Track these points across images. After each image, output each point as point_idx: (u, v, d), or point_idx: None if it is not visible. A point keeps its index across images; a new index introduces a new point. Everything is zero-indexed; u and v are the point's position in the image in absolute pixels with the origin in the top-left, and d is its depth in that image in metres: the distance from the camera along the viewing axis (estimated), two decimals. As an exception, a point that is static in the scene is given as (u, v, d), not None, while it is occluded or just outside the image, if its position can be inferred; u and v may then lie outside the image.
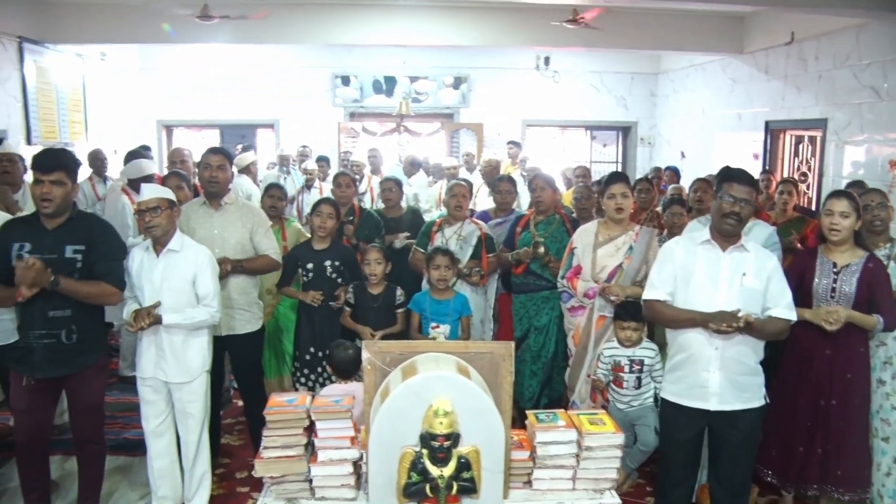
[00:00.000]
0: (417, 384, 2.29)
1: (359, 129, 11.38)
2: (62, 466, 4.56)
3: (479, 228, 5.05)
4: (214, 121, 11.63)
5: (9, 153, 5.49)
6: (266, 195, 5.29)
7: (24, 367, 3.58)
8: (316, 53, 11.07)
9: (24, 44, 7.89)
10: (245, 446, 4.87)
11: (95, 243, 3.57)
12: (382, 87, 11.44)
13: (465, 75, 11.48)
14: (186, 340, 3.73)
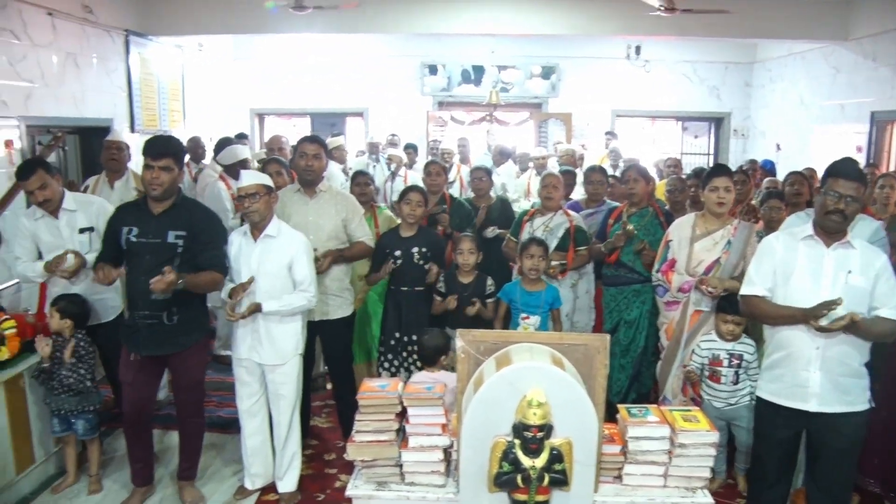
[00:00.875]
0: (512, 374, 2.28)
1: (447, 118, 11.43)
2: (162, 440, 4.77)
3: (570, 220, 4.98)
4: (305, 109, 11.90)
5: (117, 141, 5.74)
6: (353, 183, 5.35)
7: (131, 344, 3.78)
8: (405, 42, 11.16)
9: (129, 36, 8.22)
10: (333, 429, 4.98)
11: (197, 230, 3.71)
12: (471, 76, 11.45)
13: (555, 65, 11.37)
14: (281, 324, 3.84)
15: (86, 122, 7.40)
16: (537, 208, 5.14)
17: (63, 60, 7.00)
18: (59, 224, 4.27)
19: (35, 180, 4.12)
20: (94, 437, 4.29)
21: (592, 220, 5.24)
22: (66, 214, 4.28)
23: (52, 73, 6.81)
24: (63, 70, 7.00)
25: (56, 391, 4.11)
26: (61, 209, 4.26)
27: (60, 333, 4.13)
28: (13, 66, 6.24)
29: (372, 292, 5.16)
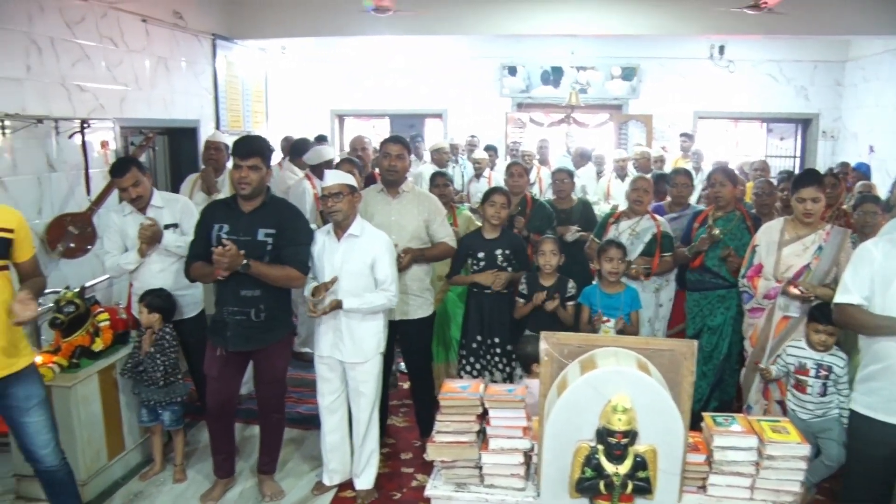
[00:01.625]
0: (597, 378, 2.26)
1: (525, 119, 11.39)
2: (242, 434, 4.90)
3: (657, 225, 4.91)
4: (385, 110, 12.03)
5: (216, 141, 5.92)
6: (432, 184, 5.37)
7: (218, 339, 3.89)
8: (484, 44, 11.16)
9: (216, 40, 8.47)
10: (410, 428, 5.02)
11: (284, 228, 3.79)
12: (550, 77, 11.37)
13: (636, 66, 11.19)
14: (363, 323, 3.89)
15: (174, 124, 7.66)
16: (623, 211, 5.08)
17: (154, 64, 7.27)
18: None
19: (129, 178, 4.29)
20: (179, 428, 4.44)
21: (677, 225, 5.16)
22: (153, 211, 4.43)
23: (144, 77, 7.07)
24: (154, 74, 7.27)
25: (145, 382, 4.27)
26: (149, 206, 4.42)
27: (151, 327, 4.28)
28: (111, 70, 6.51)
29: (451, 293, 5.18)
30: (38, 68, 5.61)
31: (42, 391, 3.36)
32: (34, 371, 3.36)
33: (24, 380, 3.26)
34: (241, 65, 9.17)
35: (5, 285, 3.19)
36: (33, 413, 3.29)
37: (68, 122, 5.83)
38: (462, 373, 4.69)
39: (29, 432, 3.30)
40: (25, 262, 3.27)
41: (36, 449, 3.32)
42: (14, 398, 3.25)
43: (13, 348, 3.22)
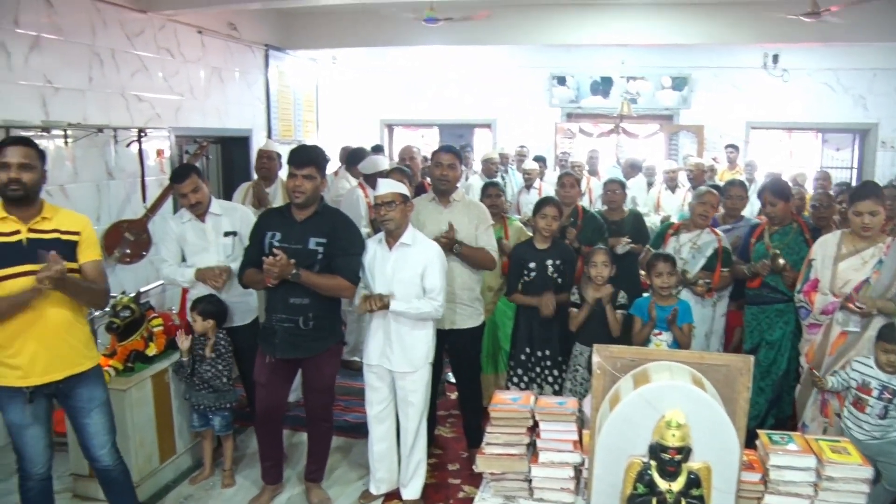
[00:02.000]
0: (650, 392, 2.21)
1: (575, 129, 11.32)
2: (290, 441, 4.94)
3: (718, 240, 4.85)
4: (433, 120, 12.10)
5: (269, 150, 6.02)
6: (484, 194, 5.35)
7: (267, 346, 3.94)
8: (534, 54, 11.14)
9: (269, 51, 8.64)
10: (458, 439, 5.01)
11: (336, 238, 3.83)
12: (599, 87, 11.29)
13: (687, 75, 11.04)
14: (412, 332, 3.90)
15: (227, 133, 7.82)
16: (682, 223, 5.02)
17: (209, 75, 7.43)
18: (206, 227, 4.49)
19: (189, 184, 4.37)
20: (229, 433, 4.50)
21: (730, 237, 5.06)
22: (212, 218, 4.50)
23: (199, 87, 7.24)
24: (209, 84, 7.43)
25: (196, 387, 4.34)
26: (208, 213, 4.50)
27: (205, 334, 4.36)
28: (167, 81, 6.68)
29: (501, 304, 5.16)
30: (99, 79, 5.79)
31: (104, 394, 3.45)
32: (99, 374, 3.45)
33: (88, 381, 3.36)
34: (292, 75, 9.31)
35: None
36: (94, 414, 3.38)
37: (126, 131, 6.00)
38: (510, 384, 4.67)
39: (89, 432, 3.39)
40: (86, 265, 3.33)
41: (94, 448, 3.42)
42: (78, 398, 3.34)
43: (80, 350, 3.32)
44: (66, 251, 3.22)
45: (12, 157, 3.11)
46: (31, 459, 3.30)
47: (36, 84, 5.21)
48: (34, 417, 3.25)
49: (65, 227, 3.27)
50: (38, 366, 3.19)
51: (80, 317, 3.32)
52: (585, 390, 4.36)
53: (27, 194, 3.15)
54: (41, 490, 3.37)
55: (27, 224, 3.18)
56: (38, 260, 3.05)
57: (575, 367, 4.48)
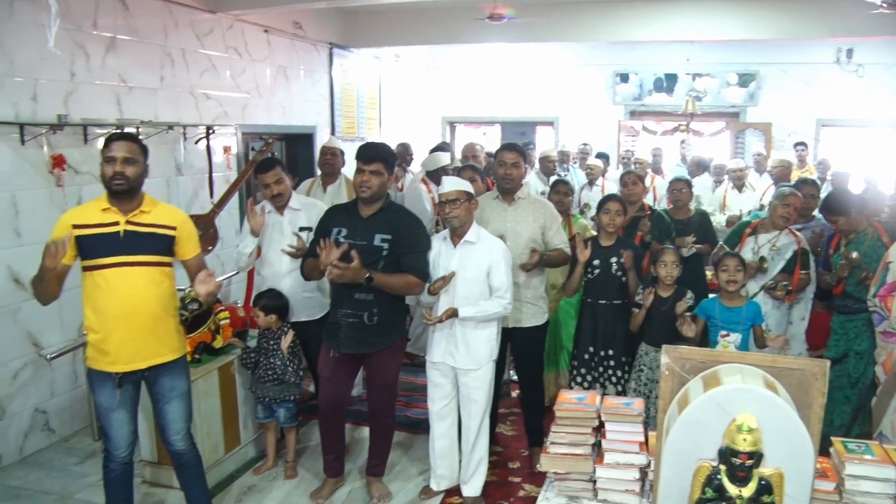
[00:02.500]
0: (721, 395, 2.17)
1: (638, 127, 11.17)
2: (352, 435, 5.00)
3: (798, 242, 4.75)
4: (495, 118, 12.07)
5: (333, 147, 6.10)
6: (552, 191, 5.34)
7: (332, 341, 3.98)
8: (597, 51, 11.03)
9: (333, 49, 8.73)
10: (518, 437, 5.00)
11: (402, 235, 3.85)
12: (664, 84, 11.11)
13: (755, 72, 10.74)
14: (477, 330, 3.90)
15: (292, 130, 7.94)
16: (760, 223, 4.91)
17: (275, 73, 7.56)
18: (283, 221, 4.61)
19: (272, 175, 4.52)
20: (292, 425, 4.57)
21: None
22: (290, 213, 4.62)
23: (265, 85, 7.37)
24: (274, 82, 7.56)
25: (262, 379, 4.42)
26: (287, 207, 4.61)
27: (269, 328, 4.43)
28: (234, 79, 6.83)
29: (564, 302, 5.13)
30: (170, 78, 5.95)
31: (186, 385, 3.57)
32: (183, 365, 3.57)
33: (171, 371, 3.48)
34: (356, 73, 9.40)
35: (163, 279, 3.40)
36: (174, 403, 3.51)
37: (195, 128, 6.15)
38: (573, 384, 4.65)
39: (167, 419, 3.53)
40: (191, 260, 3.50)
41: (169, 433, 3.56)
42: (161, 386, 3.47)
43: (166, 341, 3.43)
44: (160, 245, 3.37)
45: (118, 152, 3.25)
46: (116, 442, 3.43)
47: (111, 83, 5.39)
48: (121, 402, 3.38)
49: (162, 221, 3.39)
50: (125, 353, 3.32)
51: (169, 308, 3.44)
52: (650, 391, 4.32)
53: (130, 188, 3.28)
54: (122, 472, 3.51)
55: (126, 216, 3.31)
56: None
57: (640, 368, 4.43)
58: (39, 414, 4.92)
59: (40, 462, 4.74)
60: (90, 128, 5.10)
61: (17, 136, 4.64)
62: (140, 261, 3.30)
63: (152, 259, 3.34)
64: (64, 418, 5.08)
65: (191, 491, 3.71)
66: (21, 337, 4.77)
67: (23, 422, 4.81)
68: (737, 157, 9.52)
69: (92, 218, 3.29)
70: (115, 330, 3.28)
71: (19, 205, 4.72)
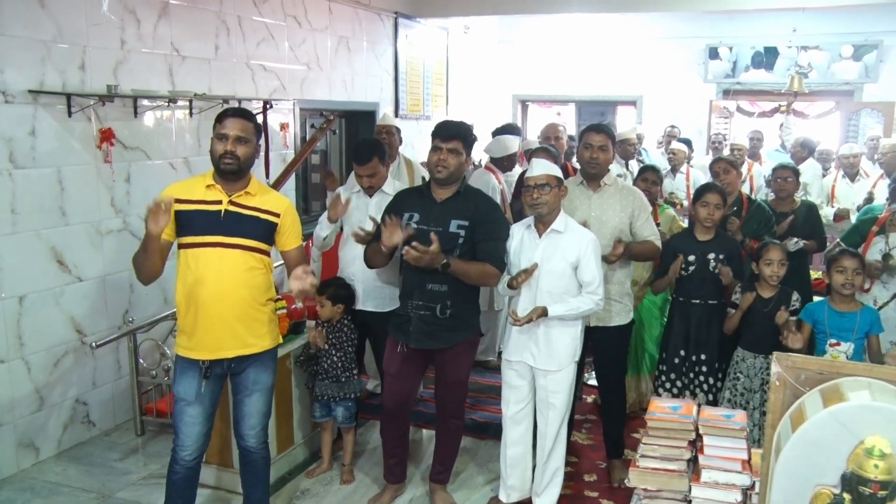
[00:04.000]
0: (845, 413, 2.06)
1: (732, 108, 10.87)
2: (413, 438, 4.95)
3: None
4: (571, 96, 11.91)
5: (388, 125, 6.07)
6: (640, 178, 5.24)
7: (400, 334, 3.96)
8: (687, 22, 10.75)
9: (399, 19, 8.71)
10: (595, 447, 4.92)
11: (480, 221, 3.81)
12: (763, 59, 10.73)
13: (877, 42, 10.18)
14: (561, 327, 3.83)
15: (353, 106, 7.96)
16: (890, 215, 4.72)
17: (336, 44, 7.57)
18: (370, 203, 4.58)
19: (369, 167, 4.51)
20: (351, 426, 4.57)
21: None
22: (380, 196, 4.57)
23: (325, 57, 7.39)
24: (335, 54, 7.57)
25: (321, 377, 4.43)
26: (379, 191, 4.59)
27: (330, 320, 4.43)
28: (293, 50, 6.85)
29: (647, 300, 5.03)
30: (224, 48, 5.99)
31: (269, 379, 3.60)
32: (271, 358, 3.60)
33: (259, 364, 3.51)
34: (422, 45, 9.37)
35: (258, 265, 3.42)
36: (255, 396, 3.54)
37: (250, 102, 6.17)
38: (661, 390, 4.57)
39: (244, 412, 3.56)
40: (291, 251, 3.53)
41: (244, 427, 3.59)
42: (245, 378, 3.51)
43: (255, 331, 3.46)
44: (260, 230, 3.40)
45: (231, 129, 3.29)
46: (184, 442, 3.46)
47: (163, 53, 5.43)
48: (201, 396, 3.41)
49: (266, 206, 3.43)
50: (211, 340, 3.36)
51: (261, 297, 3.45)
52: (747, 402, 4.21)
53: (240, 168, 3.32)
54: (185, 476, 3.52)
55: (230, 196, 3.35)
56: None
57: (735, 376, 4.32)
58: (80, 405, 5.01)
59: (80, 457, 4.82)
60: (140, 100, 5.16)
61: (64, 107, 4.69)
62: (237, 243, 3.33)
63: (250, 244, 3.37)
64: (106, 411, 5.17)
65: (252, 493, 3.73)
66: (64, 322, 4.85)
67: (62, 413, 4.90)
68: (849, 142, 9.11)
69: (195, 194, 3.35)
70: (203, 313, 3.32)
71: (64, 182, 4.77)
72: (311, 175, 7.68)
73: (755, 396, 4.22)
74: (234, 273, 3.31)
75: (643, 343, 5.24)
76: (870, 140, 8.35)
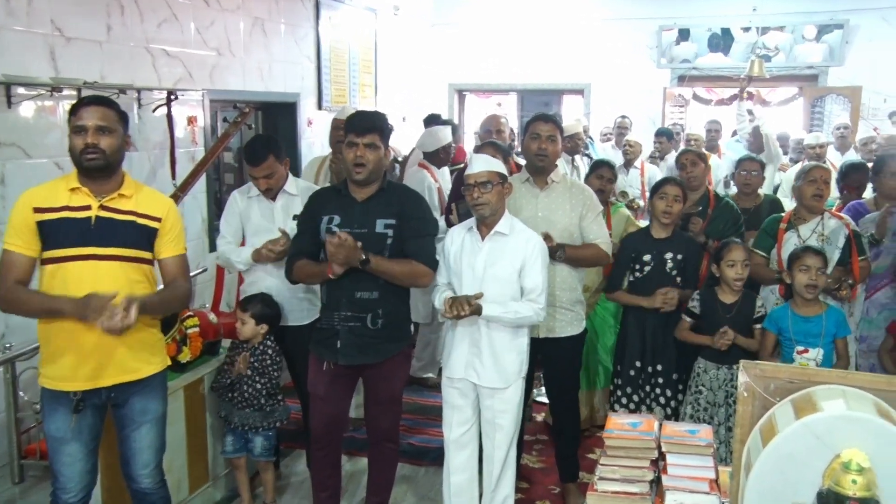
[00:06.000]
0: (820, 424, 2.09)
1: (688, 95, 11.08)
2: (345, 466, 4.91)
3: (846, 224, 4.70)
4: (513, 85, 12.00)
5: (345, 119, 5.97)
6: (593, 175, 5.28)
7: (326, 351, 3.90)
8: (638, 3, 10.94)
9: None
10: (548, 470, 4.95)
11: (406, 217, 3.80)
12: (721, 42, 10.93)
13: (842, 21, 10.41)
14: (507, 340, 3.83)
15: (271, 97, 7.86)
16: (794, 211, 4.84)
17: (250, 27, 7.47)
18: (274, 207, 4.51)
19: (262, 169, 4.37)
20: (271, 459, 4.49)
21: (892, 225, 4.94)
22: (284, 197, 4.50)
23: (238, 42, 7.27)
24: (250, 38, 7.46)
25: (239, 405, 4.33)
26: (282, 191, 4.51)
27: (250, 341, 4.35)
28: (201, 33, 6.71)
29: (600, 307, 5.08)
30: (119, 29, 5.78)
31: (160, 408, 3.47)
32: (160, 383, 3.47)
33: (146, 391, 3.38)
34: (347, 29, 9.33)
35: (140, 278, 3.31)
36: (144, 429, 3.40)
37: (152, 92, 6.03)
38: (616, 405, 4.61)
39: (133, 447, 3.42)
40: (167, 260, 3.38)
41: (135, 467, 3.44)
42: (130, 409, 3.36)
43: (139, 353, 3.33)
44: (139, 237, 3.27)
45: (89, 120, 3.17)
46: (65, 484, 3.31)
47: (42, 32, 5.16)
48: (76, 431, 3.27)
49: (145, 209, 3.30)
50: (87, 368, 3.22)
51: (146, 315, 3.30)
52: (710, 416, 4.29)
53: (107, 163, 3.20)
54: None
55: (100, 200, 3.23)
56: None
57: (697, 389, 4.39)
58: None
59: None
60: (15, 88, 4.92)
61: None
62: (114, 254, 3.21)
63: (130, 253, 3.25)
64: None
65: None
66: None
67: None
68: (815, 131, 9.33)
69: (58, 199, 3.21)
70: (76, 338, 3.18)
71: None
72: (224, 175, 7.56)
73: (720, 411, 4.29)
74: (113, 289, 3.12)
75: (596, 354, 5.30)
76: (837, 129, 8.59)
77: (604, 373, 5.37)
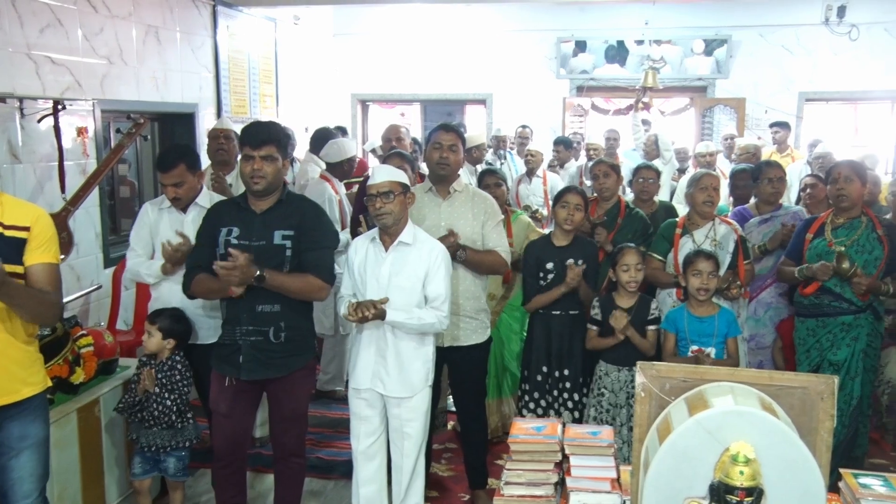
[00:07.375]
0: (710, 420, 2.20)
1: (587, 105, 11.34)
2: (252, 485, 4.89)
3: (735, 230, 4.91)
4: (416, 95, 12.10)
5: (226, 129, 5.92)
6: (481, 184, 5.34)
7: (228, 367, 3.88)
8: (538, 14, 11.18)
9: (217, 7, 8.55)
10: (457, 478, 5.02)
11: (305, 229, 3.82)
12: (616, 54, 11.29)
13: (726, 37, 10.98)
14: (412, 349, 3.89)
15: (168, 108, 7.73)
16: (688, 217, 5.02)
17: (143, 35, 7.32)
18: (185, 219, 4.45)
19: (172, 176, 4.32)
20: (184, 479, 4.43)
21: (767, 228, 5.31)
22: (196, 210, 4.45)
23: (130, 50, 7.13)
24: (143, 46, 7.32)
25: (147, 424, 4.24)
26: (193, 203, 4.46)
27: (156, 355, 4.29)
28: (89, 40, 6.54)
29: (505, 315, 5.16)
30: (-6, 33, 5.58)
31: (43, 431, 3.29)
32: (40, 405, 3.30)
33: (24, 414, 3.21)
34: (246, 38, 9.25)
35: None
36: (24, 456, 3.23)
37: (36, 102, 5.85)
38: (524, 411, 4.70)
39: (12, 477, 3.23)
40: (33, 268, 3.17)
41: (13, 499, 3.26)
42: (7, 434, 3.19)
43: (15, 373, 3.17)
44: (7, 251, 3.09)
45: None
46: None
47: None
48: None
49: (10, 219, 3.14)
50: None
51: (18, 331, 3.17)
52: (613, 418, 4.41)
53: None
54: None
55: None
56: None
57: (600, 391, 4.51)
58: None
59: None
60: None
61: None
62: None
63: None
64: None
65: None
66: None
67: None
68: (705, 140, 9.73)
69: None
70: None
71: None
72: (119, 188, 7.41)
73: (622, 412, 4.43)
74: None
75: (503, 362, 5.37)
76: (724, 139, 9.04)
77: (512, 380, 5.44)
